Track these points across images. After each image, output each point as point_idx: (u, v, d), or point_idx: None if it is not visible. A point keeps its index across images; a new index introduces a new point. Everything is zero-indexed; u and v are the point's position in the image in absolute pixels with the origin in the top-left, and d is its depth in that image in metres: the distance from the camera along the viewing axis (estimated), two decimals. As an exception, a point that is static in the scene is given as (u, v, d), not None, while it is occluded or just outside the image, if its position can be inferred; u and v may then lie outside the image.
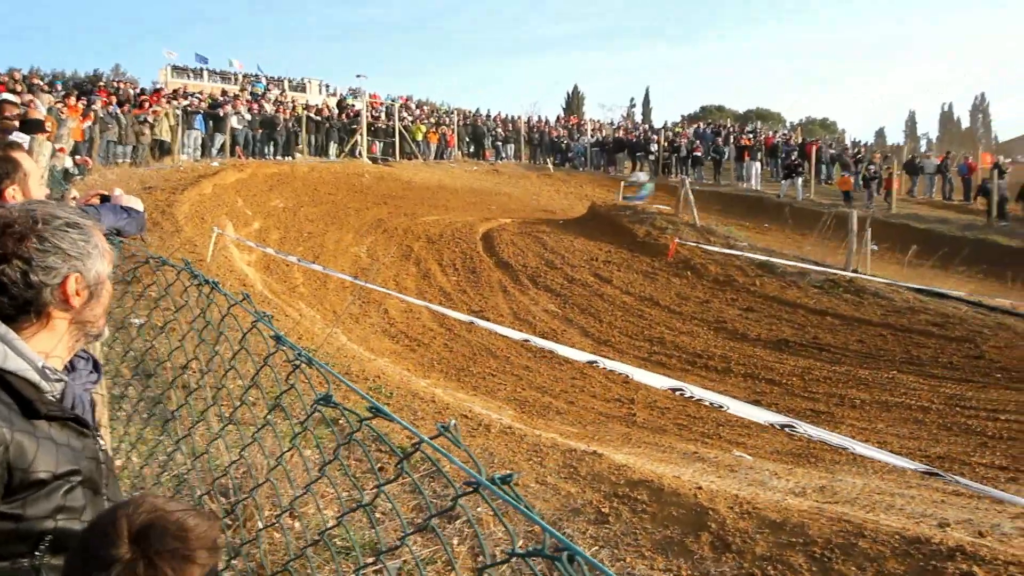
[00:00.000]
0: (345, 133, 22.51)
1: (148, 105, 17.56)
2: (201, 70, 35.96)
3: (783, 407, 7.75)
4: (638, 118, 55.40)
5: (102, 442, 1.44)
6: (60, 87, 19.40)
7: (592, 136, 30.01)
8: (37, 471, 1.22)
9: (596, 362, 4.90)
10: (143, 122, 16.65)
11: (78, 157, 12.72)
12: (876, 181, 22.38)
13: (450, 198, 19.50)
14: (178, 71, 34.91)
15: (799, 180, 22.32)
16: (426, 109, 30.64)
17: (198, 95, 22.12)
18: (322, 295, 11.27)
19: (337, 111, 24.21)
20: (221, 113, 19.01)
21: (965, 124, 76.98)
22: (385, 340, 9.77)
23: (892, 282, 11.56)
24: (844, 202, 21.12)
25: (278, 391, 1.96)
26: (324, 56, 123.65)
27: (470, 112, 30.85)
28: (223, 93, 24.43)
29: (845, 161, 25.65)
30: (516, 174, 25.30)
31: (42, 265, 1.29)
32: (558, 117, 35.81)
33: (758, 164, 24.58)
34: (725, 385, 8.57)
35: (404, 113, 25.99)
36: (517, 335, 7.09)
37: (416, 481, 1.49)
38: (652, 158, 26.59)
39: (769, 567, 3.16)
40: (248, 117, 19.80)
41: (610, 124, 36.06)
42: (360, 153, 22.33)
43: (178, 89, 23.32)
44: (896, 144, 54.08)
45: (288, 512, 2.86)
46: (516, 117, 30.49)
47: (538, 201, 21.25)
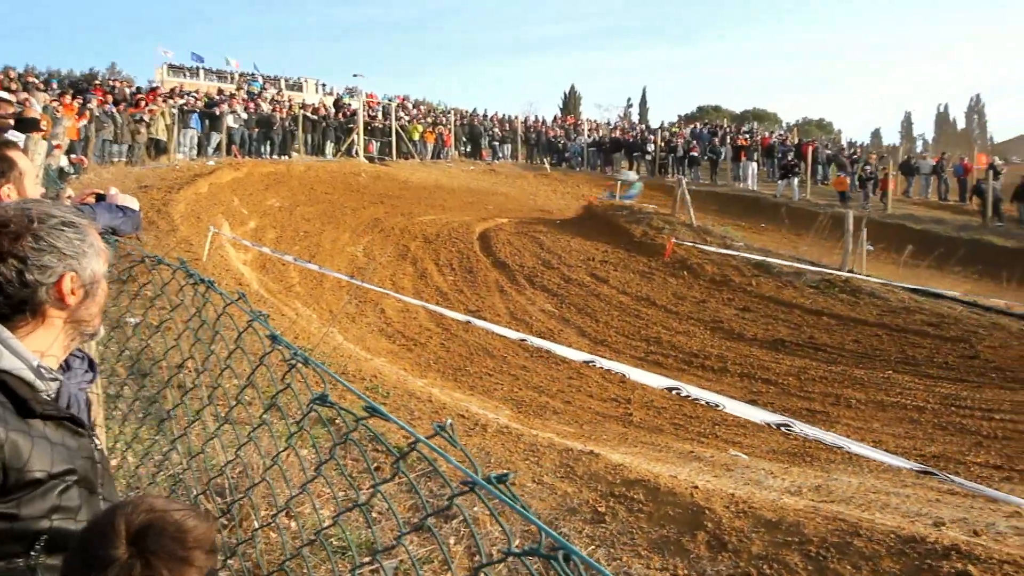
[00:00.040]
0: (342, 132, 22.48)
1: (144, 104, 17.52)
2: (197, 69, 35.89)
3: (779, 406, 7.77)
4: (635, 118, 55.51)
5: (97, 441, 1.44)
6: (56, 85, 19.34)
7: (589, 136, 30.03)
8: (32, 471, 1.22)
9: (593, 362, 4.90)
10: (139, 121, 16.60)
11: (74, 156, 12.69)
12: (872, 181, 22.43)
13: (447, 198, 19.48)
14: (174, 70, 34.84)
15: (795, 180, 22.37)
16: (423, 108, 30.62)
17: (194, 94, 22.06)
18: (318, 294, 11.25)
19: (334, 110, 24.17)
20: (217, 112, 18.96)
21: (961, 125, 77.24)
22: (382, 340, 9.76)
23: (888, 282, 11.59)
24: (840, 202, 21.18)
25: (274, 390, 1.95)
26: (321, 55, 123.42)
27: (467, 112, 30.84)
28: (219, 92, 24.36)
29: (841, 161, 25.71)
30: (513, 174, 25.29)
31: (38, 264, 1.28)
32: (555, 117, 35.86)
33: (754, 164, 24.61)
34: (721, 385, 8.58)
35: (401, 112, 25.96)
36: (514, 335, 7.09)
37: (412, 481, 1.49)
38: (649, 158, 26.62)
39: (765, 566, 3.17)
40: (244, 116, 19.75)
41: (607, 124, 36.11)
42: (357, 152, 22.30)
43: (174, 88, 23.26)
44: (892, 145, 54.29)
45: (284, 512, 2.86)
46: (513, 117, 30.51)
47: (535, 201, 21.25)
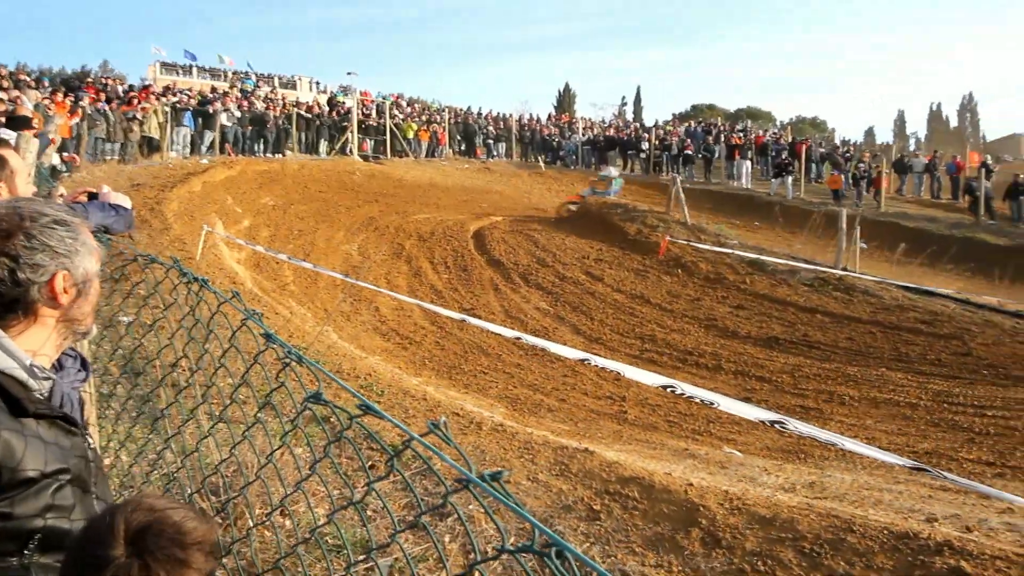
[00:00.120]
0: (336, 131, 22.42)
1: (137, 102, 17.42)
2: (190, 67, 35.78)
3: (773, 404, 7.79)
4: (629, 116, 55.55)
5: (91, 440, 1.43)
6: (47, 83, 19.22)
7: (583, 134, 30.03)
8: (25, 469, 1.21)
9: (587, 360, 4.90)
10: (132, 119, 16.51)
11: (66, 154, 12.62)
12: (865, 180, 22.51)
13: (441, 196, 19.46)
14: (167, 68, 34.72)
15: (789, 179, 22.43)
16: (417, 107, 30.57)
17: (187, 92, 21.97)
18: (313, 293, 11.23)
19: (328, 108, 24.10)
20: (211, 110, 18.88)
21: (954, 124, 77.60)
22: (376, 338, 9.75)
23: (881, 280, 11.64)
24: (834, 201, 21.24)
25: (268, 389, 1.95)
26: (315, 53, 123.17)
27: (461, 110, 30.80)
28: (212, 90, 24.30)
29: (836, 160, 25.77)
30: (507, 172, 25.28)
31: (30, 262, 1.28)
32: (549, 115, 35.79)
33: (748, 163, 24.66)
34: (716, 382, 8.61)
35: (395, 111, 25.91)
36: (509, 333, 7.10)
37: (407, 479, 1.49)
38: (643, 156, 26.65)
39: (759, 562, 3.18)
40: (238, 114, 19.66)
41: (601, 122, 36.11)
42: (351, 151, 22.25)
43: (167, 86, 23.17)
44: (885, 143, 54.48)
45: (279, 510, 2.86)
46: (508, 115, 30.48)
47: (529, 199, 21.25)
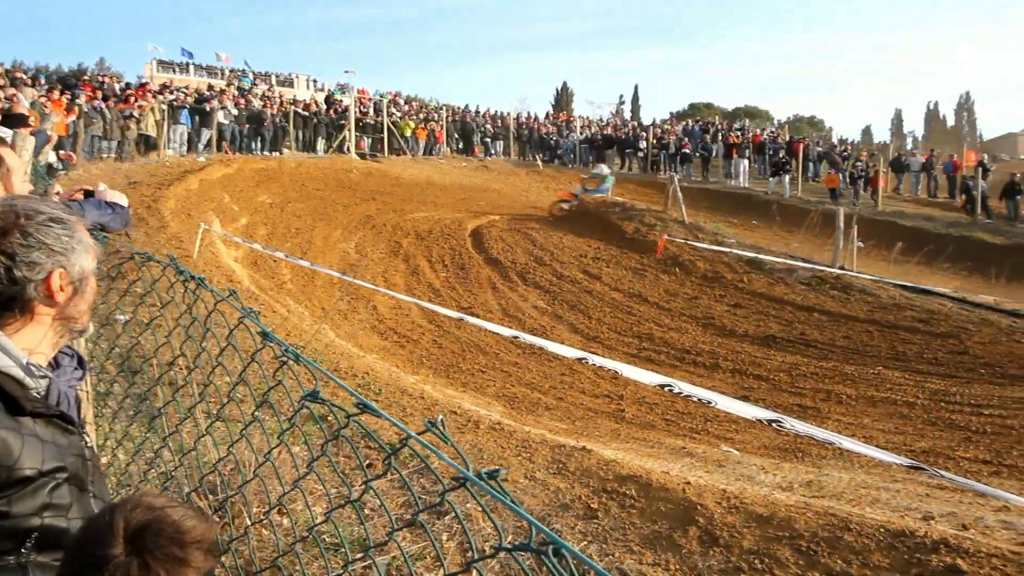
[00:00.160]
0: (333, 129, 22.39)
1: (133, 100, 17.38)
2: (187, 64, 35.70)
3: (770, 402, 7.81)
4: (627, 115, 55.56)
5: (88, 439, 1.43)
6: (44, 81, 19.16)
7: (581, 133, 30.01)
8: (23, 468, 1.21)
9: (585, 358, 4.91)
10: (128, 117, 16.47)
11: (62, 152, 12.58)
12: (863, 179, 22.55)
13: (439, 194, 19.45)
14: (164, 65, 34.65)
15: (786, 177, 22.46)
16: (415, 105, 30.54)
17: (184, 90, 21.92)
18: (310, 291, 11.22)
19: (325, 106, 24.07)
20: (207, 108, 18.84)
21: (951, 123, 77.72)
22: (374, 336, 9.74)
23: (878, 279, 11.66)
24: (831, 199, 21.27)
25: (266, 387, 1.95)
26: (312, 52, 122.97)
27: (459, 108, 30.78)
28: (209, 88, 24.25)
29: (834, 159, 25.81)
30: (505, 171, 25.27)
31: (26, 260, 1.27)
32: (547, 114, 35.77)
33: (746, 161, 24.68)
34: (713, 381, 8.62)
35: (393, 109, 25.88)
36: (506, 331, 7.09)
37: (404, 477, 1.49)
38: (641, 155, 26.66)
39: (756, 561, 3.19)
40: (235, 112, 19.62)
41: (599, 121, 36.09)
42: (348, 149, 22.22)
43: (164, 84, 23.12)
44: (882, 142, 54.57)
45: (276, 508, 2.86)
46: (505, 113, 30.47)
47: (527, 198, 21.24)
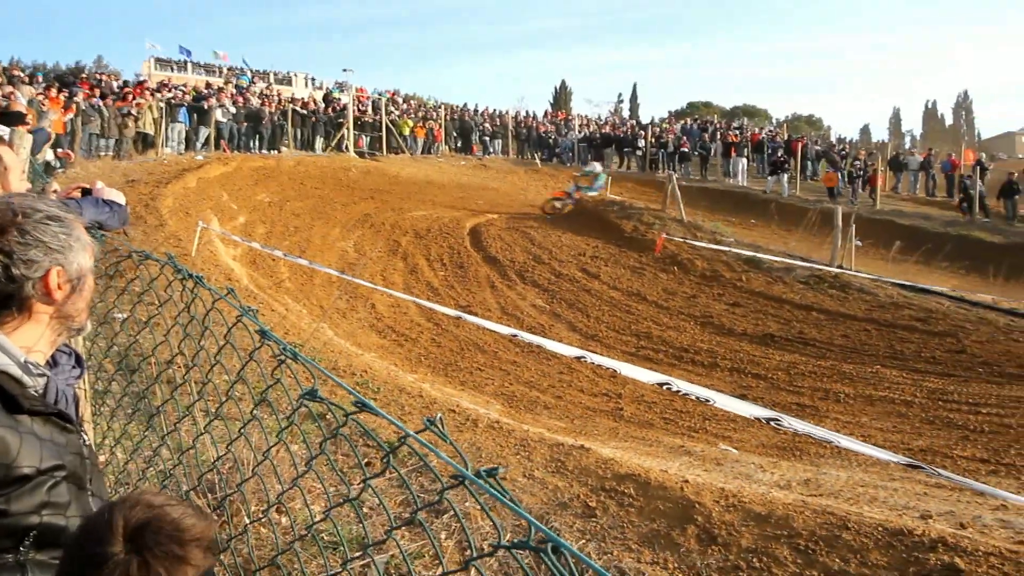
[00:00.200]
0: (331, 127, 22.36)
1: (131, 98, 17.35)
2: (185, 62, 35.64)
3: (768, 401, 7.81)
4: (625, 114, 55.58)
5: (86, 437, 1.43)
6: (41, 79, 19.12)
7: (580, 131, 30.00)
8: (21, 466, 1.21)
9: (584, 357, 4.91)
10: (126, 115, 16.45)
11: (60, 150, 12.56)
12: (861, 178, 22.58)
13: (437, 193, 19.44)
14: (162, 63, 34.59)
15: (784, 176, 22.47)
16: (413, 103, 30.51)
17: (182, 88, 21.88)
18: (309, 290, 11.21)
19: (323, 105, 24.03)
20: (205, 106, 18.80)
21: (949, 121, 77.80)
22: (372, 335, 9.74)
23: (876, 278, 11.67)
24: (829, 198, 21.30)
25: (264, 386, 1.95)
26: (310, 50, 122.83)
27: (457, 107, 30.75)
28: (207, 86, 24.19)
29: (833, 158, 25.82)
30: (504, 169, 25.26)
31: (23, 258, 1.27)
32: (546, 112, 35.76)
33: (744, 160, 24.70)
34: (711, 379, 8.62)
35: (391, 107, 25.85)
36: (505, 330, 7.10)
37: (403, 475, 1.49)
38: (639, 154, 26.66)
39: (754, 559, 3.19)
40: (233, 110, 19.59)
41: (598, 119, 36.09)
42: (347, 147, 22.20)
43: (162, 82, 23.08)
44: (881, 141, 54.62)
45: (275, 507, 2.85)
46: (504, 112, 30.45)
47: (525, 196, 21.23)
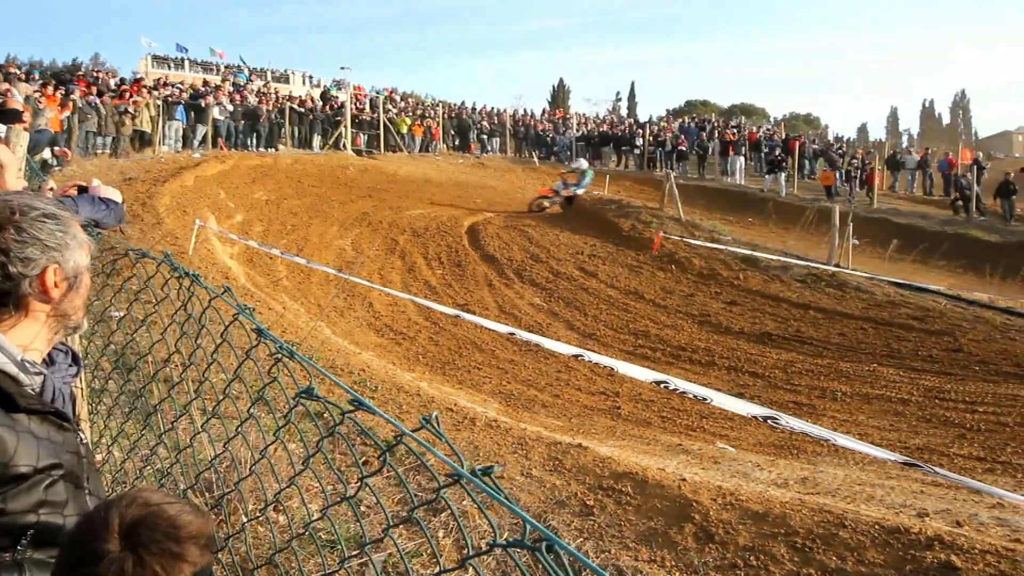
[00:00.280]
0: (329, 125, 22.33)
1: (128, 95, 17.31)
2: (182, 60, 35.58)
3: (766, 399, 7.82)
4: (623, 112, 55.60)
5: (83, 436, 1.43)
6: (38, 76, 19.07)
7: (577, 130, 30.02)
8: (18, 465, 1.21)
9: (581, 355, 4.91)
10: (123, 112, 16.41)
11: (57, 148, 12.52)
12: (858, 176, 22.63)
13: (435, 191, 19.42)
14: (159, 61, 34.51)
15: (782, 175, 22.50)
16: (411, 101, 30.49)
17: (179, 85, 21.84)
18: (306, 288, 11.20)
19: (321, 103, 24.00)
20: (203, 104, 18.76)
21: (946, 120, 77.93)
22: (370, 334, 9.73)
23: (873, 276, 11.69)
24: (826, 197, 21.34)
25: (261, 385, 1.95)
26: (308, 47, 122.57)
27: (455, 105, 30.74)
28: (205, 84, 24.14)
29: (831, 157, 25.87)
30: (501, 167, 25.25)
31: (20, 256, 1.27)
32: (544, 111, 35.76)
33: (742, 159, 24.74)
34: (709, 378, 8.63)
35: (389, 105, 25.82)
36: (503, 329, 7.09)
37: (400, 474, 1.49)
38: (637, 152, 26.67)
39: (752, 557, 3.20)
40: (230, 108, 19.55)
41: (596, 118, 36.10)
42: (344, 145, 22.17)
43: (159, 79, 23.03)
44: (878, 140, 54.70)
45: (273, 505, 2.86)
46: (502, 110, 30.44)
47: (523, 195, 21.21)
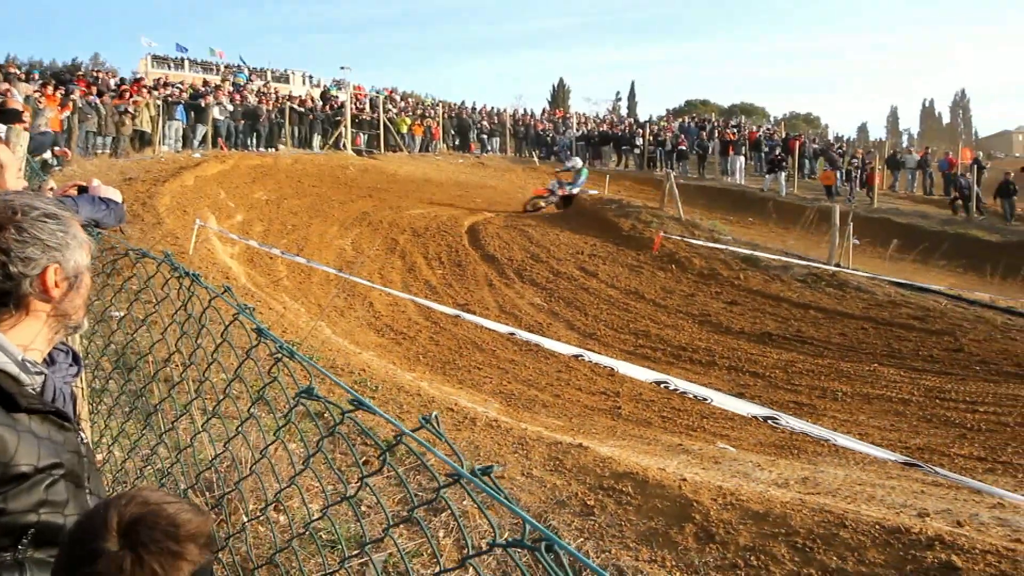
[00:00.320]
0: (329, 125, 22.32)
1: (128, 95, 17.31)
2: (182, 60, 35.59)
3: (766, 399, 7.82)
4: (623, 112, 55.61)
5: (83, 435, 1.43)
6: (38, 76, 19.07)
7: (577, 129, 30.02)
8: (19, 465, 1.21)
9: (582, 355, 4.91)
10: (123, 112, 16.41)
11: (57, 148, 12.52)
12: (858, 176, 22.64)
13: (435, 191, 19.42)
14: (159, 61, 34.53)
15: (782, 175, 22.50)
16: (411, 101, 30.49)
17: (179, 85, 21.83)
18: (306, 288, 11.20)
19: (321, 103, 24.00)
20: (203, 104, 18.76)
21: (946, 120, 77.93)
22: (371, 333, 9.73)
23: (874, 276, 11.68)
24: (826, 197, 21.33)
25: (261, 384, 1.95)
26: (308, 47, 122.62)
27: (455, 105, 30.74)
28: (204, 84, 24.15)
29: (830, 156, 25.86)
30: (502, 167, 25.24)
31: (21, 256, 1.27)
32: (544, 110, 35.76)
33: (742, 159, 24.73)
34: (709, 378, 8.63)
35: (389, 105, 25.82)
36: (503, 328, 7.09)
37: (400, 474, 1.49)
38: (637, 152, 26.67)
39: (752, 557, 3.20)
40: (230, 108, 19.55)
41: (596, 118, 36.11)
42: (344, 145, 22.17)
43: (159, 79, 23.03)
44: (878, 139, 54.69)
45: (273, 505, 2.85)
46: (502, 110, 30.44)
47: (523, 194, 21.20)
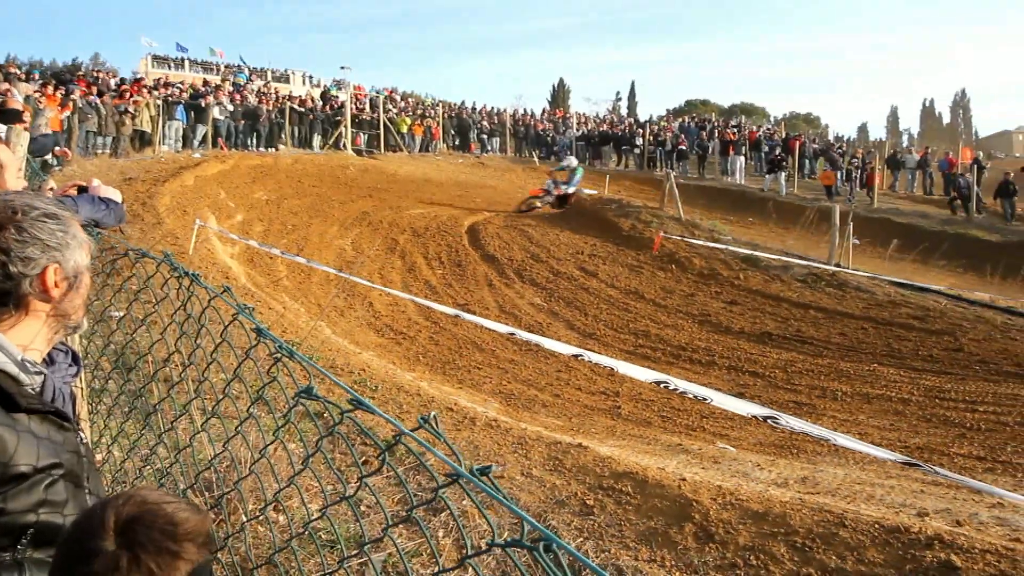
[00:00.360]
0: (329, 125, 22.32)
1: (128, 95, 17.31)
2: (182, 60, 35.59)
3: (766, 399, 7.82)
4: (623, 112, 55.61)
5: (83, 435, 1.43)
6: (38, 76, 19.07)
7: (577, 129, 30.01)
8: (18, 465, 1.21)
9: (581, 355, 4.91)
10: (123, 112, 16.41)
11: (57, 148, 12.52)
12: (858, 176, 22.64)
13: (435, 191, 19.42)
14: (159, 61, 34.53)
15: (782, 175, 22.49)
16: (411, 101, 30.50)
17: (179, 85, 21.83)
18: (306, 288, 11.20)
19: (321, 102, 24.00)
20: (203, 104, 18.76)
21: (946, 120, 77.92)
22: (370, 333, 9.73)
23: (874, 276, 11.69)
24: (826, 197, 21.33)
25: (260, 384, 1.95)
26: (308, 47, 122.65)
27: (455, 105, 30.74)
28: (205, 83, 24.15)
29: (831, 156, 25.85)
30: (502, 167, 25.23)
31: (21, 256, 1.27)
32: (543, 110, 35.75)
33: (742, 159, 24.73)
34: (709, 378, 8.63)
35: (389, 105, 25.82)
36: (503, 328, 7.09)
37: (399, 474, 1.49)
38: (637, 152, 26.67)
39: (751, 557, 3.20)
40: (230, 108, 19.54)
41: (596, 118, 36.10)
42: (344, 145, 22.17)
43: (159, 79, 23.03)
44: (878, 139, 54.68)
45: (272, 505, 2.86)
46: (502, 110, 30.44)
47: (523, 194, 21.20)
